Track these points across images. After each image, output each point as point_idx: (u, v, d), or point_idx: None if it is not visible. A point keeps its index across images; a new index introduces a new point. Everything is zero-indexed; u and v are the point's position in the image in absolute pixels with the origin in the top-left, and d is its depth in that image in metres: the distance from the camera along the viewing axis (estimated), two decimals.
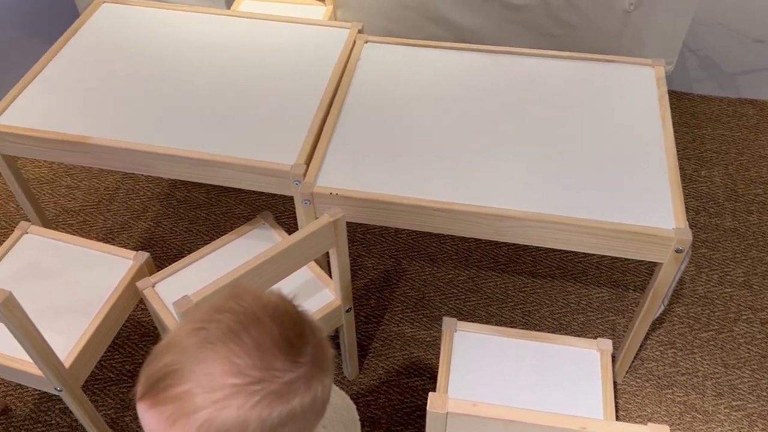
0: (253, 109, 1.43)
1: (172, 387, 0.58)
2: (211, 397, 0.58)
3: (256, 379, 0.58)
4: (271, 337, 0.60)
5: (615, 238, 1.20)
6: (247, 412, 0.58)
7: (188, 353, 0.59)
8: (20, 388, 1.53)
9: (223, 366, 0.58)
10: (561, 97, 1.45)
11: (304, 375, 0.61)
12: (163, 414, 0.59)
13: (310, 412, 0.63)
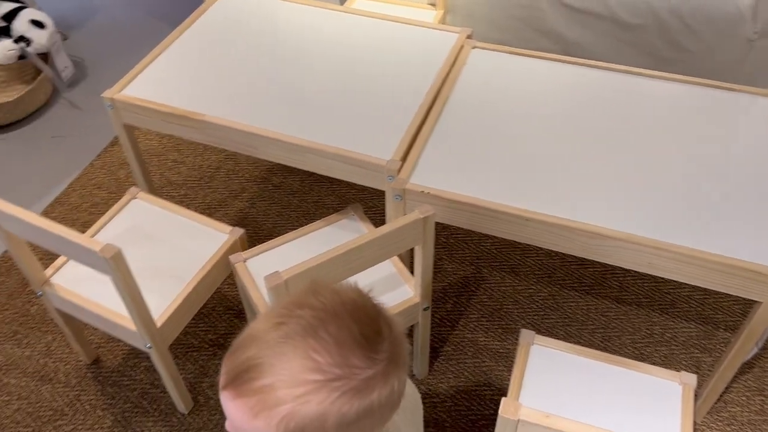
0: (357, 103, 1.47)
1: (254, 380, 0.61)
2: (293, 392, 0.60)
3: (336, 376, 0.61)
4: (349, 333, 0.62)
5: (718, 270, 1.15)
6: (327, 407, 0.61)
7: (269, 347, 0.62)
8: (111, 342, 1.64)
9: (303, 361, 0.61)
10: (672, 121, 1.40)
11: (382, 371, 0.63)
12: (246, 405, 0.62)
13: (386, 405, 0.65)
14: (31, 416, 1.51)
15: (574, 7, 1.96)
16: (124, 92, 1.51)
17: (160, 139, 2.17)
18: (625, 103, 1.45)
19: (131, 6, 2.77)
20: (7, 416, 1.51)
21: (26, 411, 1.52)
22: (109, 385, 1.56)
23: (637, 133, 1.38)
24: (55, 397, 1.54)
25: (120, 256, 1.12)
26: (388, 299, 1.35)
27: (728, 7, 1.82)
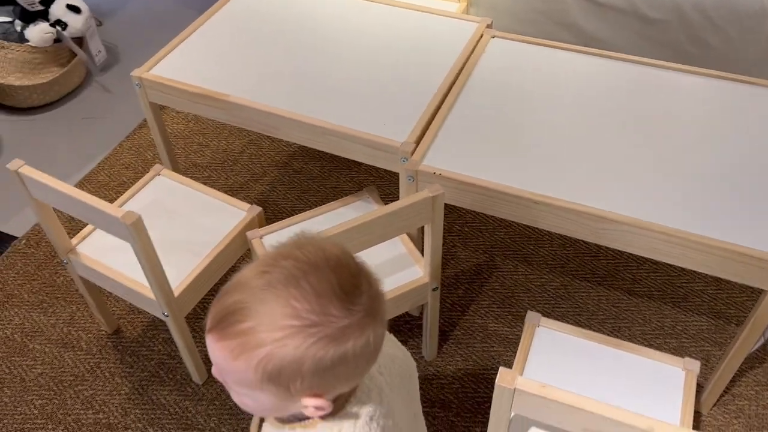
0: (375, 87, 1.51)
1: (237, 323, 0.65)
2: (272, 335, 0.63)
3: (312, 322, 0.64)
4: (329, 285, 0.65)
5: (721, 256, 1.16)
6: (303, 351, 0.64)
7: (253, 294, 0.65)
8: (132, 314, 1.70)
9: (283, 308, 0.64)
10: (686, 112, 1.41)
11: (358, 322, 0.66)
12: (228, 347, 0.65)
13: (362, 356, 0.68)
14: (54, 380, 1.58)
15: (596, 1, 1.97)
16: (152, 72, 1.57)
17: (186, 123, 2.23)
18: (639, 93, 1.46)
19: None
20: (31, 380, 1.58)
21: (49, 375, 1.59)
22: (128, 354, 1.62)
23: (650, 122, 1.39)
24: (77, 364, 1.61)
25: (140, 223, 1.17)
26: (398, 279, 1.38)
27: (752, 2, 1.81)
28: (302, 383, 0.66)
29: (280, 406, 0.70)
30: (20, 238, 1.89)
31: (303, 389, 0.67)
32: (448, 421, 1.48)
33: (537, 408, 0.93)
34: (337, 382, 0.69)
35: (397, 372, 0.85)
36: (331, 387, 0.69)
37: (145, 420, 1.50)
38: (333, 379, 0.67)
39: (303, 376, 0.65)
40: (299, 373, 0.65)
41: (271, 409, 0.71)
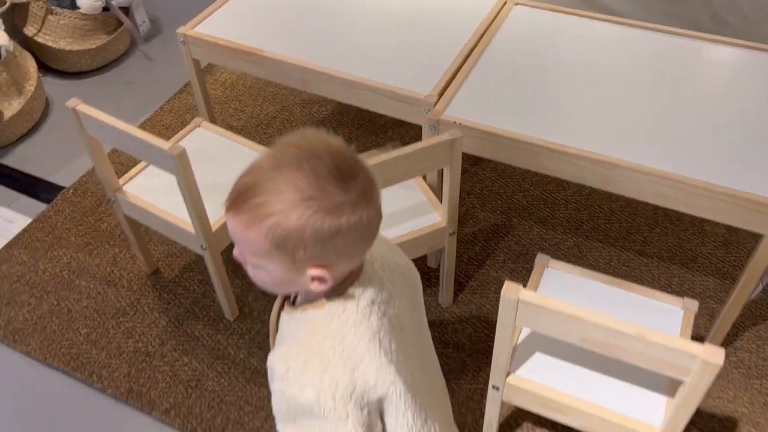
0: (403, 47, 1.61)
1: (250, 199, 0.75)
2: (278, 207, 0.74)
3: (311, 196, 0.74)
4: (327, 168, 0.75)
5: (724, 202, 1.24)
6: (305, 221, 0.74)
7: (264, 174, 0.75)
8: (170, 257, 1.83)
9: (288, 186, 0.74)
10: (699, 73, 1.49)
11: (351, 201, 0.75)
12: (243, 220, 0.76)
13: (356, 231, 0.77)
14: (98, 312, 1.71)
15: None
16: (195, 29, 1.69)
17: (224, 89, 2.36)
18: (658, 57, 1.54)
19: None
20: (77, 311, 1.71)
21: (93, 308, 1.72)
22: (166, 292, 1.75)
23: (660, 82, 1.47)
24: (119, 299, 1.74)
25: (184, 156, 1.29)
26: (418, 223, 1.48)
27: None
28: (305, 252, 0.76)
29: (289, 279, 0.80)
30: (68, 187, 2.04)
31: (306, 259, 0.76)
32: (461, 361, 1.58)
33: (538, 319, 1.03)
34: (335, 255, 0.78)
35: (399, 273, 0.94)
36: (331, 259, 0.78)
37: (180, 350, 1.62)
38: (332, 251, 0.77)
39: (305, 244, 0.75)
40: (302, 241, 0.75)
41: (282, 280, 0.81)
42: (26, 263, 1.83)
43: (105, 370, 1.59)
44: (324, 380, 0.80)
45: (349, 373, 0.82)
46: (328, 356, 0.81)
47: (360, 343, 0.83)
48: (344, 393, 0.81)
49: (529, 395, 1.19)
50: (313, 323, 0.84)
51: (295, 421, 0.84)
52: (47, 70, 2.45)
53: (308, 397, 0.80)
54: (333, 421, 0.81)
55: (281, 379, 0.82)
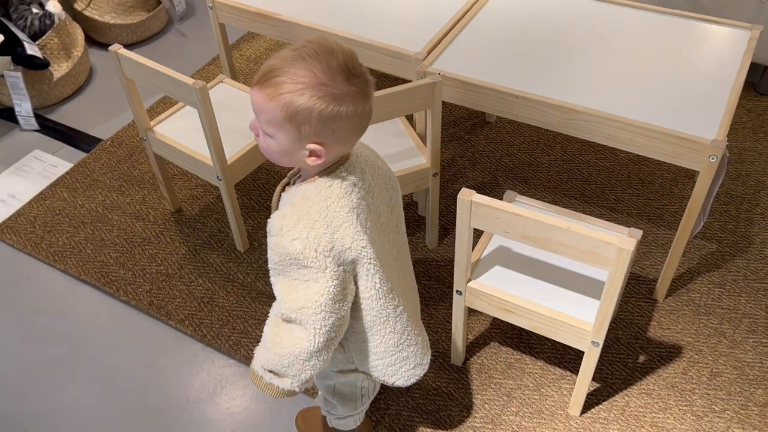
0: (402, 10, 1.83)
1: (273, 77, 0.95)
2: (294, 87, 0.94)
3: (322, 82, 0.94)
4: (338, 64, 0.95)
5: (660, 140, 1.43)
6: (314, 102, 0.94)
7: (286, 60, 0.96)
8: (192, 198, 2.06)
9: (305, 71, 0.94)
10: (652, 37, 1.68)
11: (352, 94, 0.95)
12: (265, 93, 0.96)
13: (352, 119, 0.97)
14: (126, 241, 1.95)
15: None
16: None
17: (248, 63, 2.61)
18: (616, 26, 1.74)
19: None
20: (109, 239, 1.96)
21: (123, 237, 1.96)
22: (186, 227, 1.98)
23: (619, 44, 1.67)
24: (145, 230, 1.98)
25: (205, 90, 1.53)
26: (406, 164, 1.69)
27: None
28: (309, 128, 0.96)
29: (292, 150, 1.00)
30: (106, 139, 2.30)
31: (309, 134, 0.97)
32: (441, 291, 1.78)
33: (488, 218, 1.23)
34: (332, 137, 0.98)
35: (379, 174, 1.14)
36: (328, 139, 0.98)
37: (196, 273, 1.85)
38: (330, 132, 0.97)
39: (311, 121, 0.95)
40: (309, 118, 0.95)
41: (286, 151, 1.01)
42: (67, 200, 2.09)
43: (130, 286, 1.83)
44: (310, 235, 1.01)
45: (330, 233, 1.02)
46: (314, 218, 1.02)
47: (341, 212, 1.03)
48: (324, 249, 1.01)
49: (486, 298, 1.39)
50: (305, 192, 1.04)
51: (283, 273, 1.04)
52: (93, 43, 2.73)
53: (296, 247, 1.00)
54: (314, 270, 1.02)
55: (276, 235, 1.02)
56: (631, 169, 2.08)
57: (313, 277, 1.03)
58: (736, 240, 1.86)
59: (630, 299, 1.73)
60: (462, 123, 2.29)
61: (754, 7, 2.10)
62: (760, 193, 1.98)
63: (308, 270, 1.02)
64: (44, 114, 2.44)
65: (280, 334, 1.07)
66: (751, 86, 2.35)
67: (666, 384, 1.55)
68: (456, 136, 2.24)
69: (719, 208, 1.94)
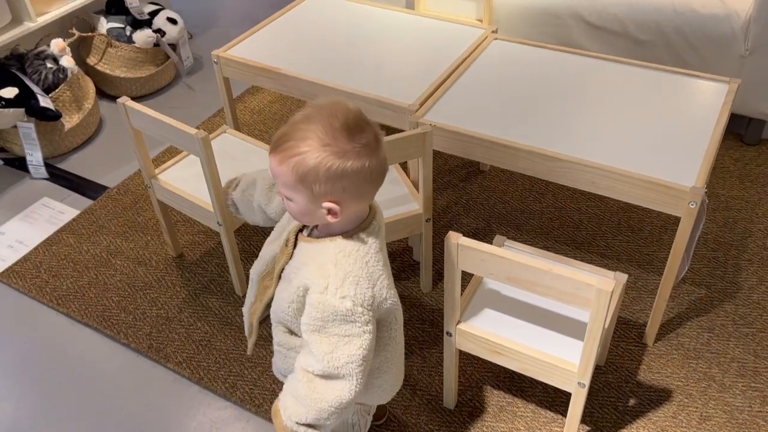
0: (396, 67, 1.93)
1: (284, 143, 1.04)
2: (302, 149, 1.02)
3: (327, 143, 1.01)
4: (341, 125, 1.02)
5: (643, 188, 1.49)
6: (320, 161, 1.01)
7: (295, 126, 1.04)
8: (194, 244, 2.12)
9: (310, 134, 1.02)
10: (636, 90, 1.76)
11: (356, 150, 1.02)
12: (277, 158, 1.05)
13: (359, 174, 1.03)
14: (128, 285, 2.00)
15: (594, 25, 2.35)
16: (227, 53, 2.04)
17: (252, 115, 2.71)
18: (599, 79, 1.82)
19: (246, 20, 3.40)
20: (111, 283, 2.01)
21: (125, 282, 2.02)
22: (187, 271, 2.04)
23: (604, 96, 1.75)
24: (147, 275, 2.03)
25: (207, 140, 1.60)
26: (399, 210, 1.75)
27: (724, 27, 2.16)
28: (320, 186, 1.02)
29: (310, 209, 1.06)
30: (112, 187, 2.38)
31: (322, 193, 1.03)
32: (434, 335, 1.81)
33: (474, 261, 1.28)
34: (344, 193, 1.04)
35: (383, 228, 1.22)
36: (342, 196, 1.04)
37: (195, 317, 1.90)
38: (341, 189, 1.03)
39: (320, 180, 1.02)
40: (317, 177, 1.01)
41: (305, 211, 1.07)
42: (72, 245, 2.15)
43: (131, 329, 1.87)
44: (357, 292, 1.07)
45: (371, 288, 1.09)
46: (358, 274, 1.08)
47: (378, 266, 1.11)
48: (369, 303, 1.08)
49: (475, 340, 1.43)
50: (345, 249, 1.09)
51: (320, 330, 1.08)
52: (103, 95, 2.85)
53: (347, 305, 1.06)
54: (358, 325, 1.07)
55: (321, 292, 1.07)
56: (621, 216, 2.14)
57: (355, 332, 1.07)
58: (724, 285, 1.89)
59: (620, 343, 1.75)
60: (457, 171, 2.36)
61: (735, 62, 2.19)
62: (747, 239, 2.03)
63: (352, 325, 1.07)
64: (54, 163, 2.53)
65: (317, 389, 1.10)
66: (738, 137, 2.43)
67: (656, 428, 1.57)
68: (451, 183, 2.31)
69: (707, 255, 1.98)
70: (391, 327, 1.19)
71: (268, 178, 1.33)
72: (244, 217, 1.43)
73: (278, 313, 1.19)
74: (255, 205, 1.36)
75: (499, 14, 2.44)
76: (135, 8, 2.75)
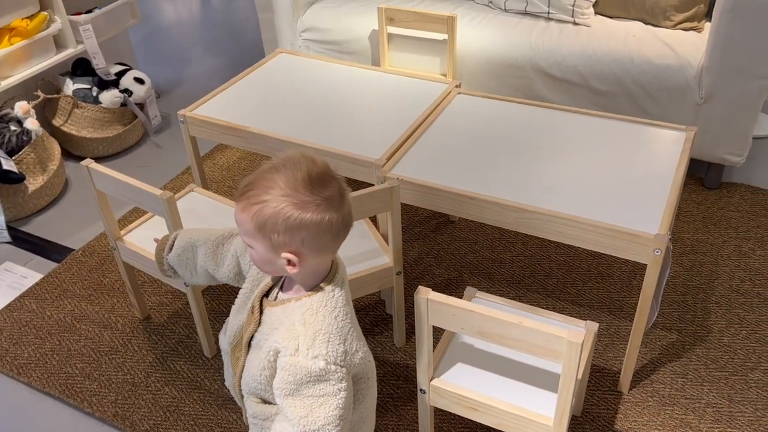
0: (363, 123, 1.95)
1: (248, 191, 1.04)
2: (263, 198, 1.02)
3: (287, 194, 1.02)
4: (303, 178, 1.03)
5: (608, 236, 1.50)
6: (279, 210, 1.01)
7: (260, 175, 1.05)
8: (161, 305, 2.08)
9: (272, 184, 1.02)
10: (598, 140, 1.80)
11: (317, 203, 1.02)
12: (240, 206, 1.05)
13: (318, 227, 1.03)
14: (93, 350, 1.94)
15: (556, 77, 2.41)
16: (193, 112, 2.05)
17: (221, 171, 2.70)
18: (565, 129, 1.86)
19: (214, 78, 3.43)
20: (76, 349, 1.95)
21: (90, 347, 1.95)
22: (154, 334, 1.98)
23: (567, 147, 1.78)
24: (113, 340, 1.98)
25: (173, 201, 1.59)
26: (370, 264, 1.74)
27: (679, 78, 2.23)
28: (279, 236, 1.02)
29: (270, 258, 1.06)
30: (77, 249, 2.33)
31: (281, 243, 1.02)
32: (409, 391, 1.78)
33: (445, 316, 1.27)
34: (303, 246, 1.03)
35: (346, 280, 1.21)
36: (301, 249, 1.03)
37: (163, 381, 1.84)
38: (299, 241, 1.03)
39: (278, 230, 1.01)
40: (275, 226, 1.01)
41: (266, 260, 1.06)
42: (35, 311, 2.09)
43: (95, 397, 1.81)
44: (329, 350, 1.05)
45: (343, 342, 1.08)
46: (328, 330, 1.07)
47: (346, 320, 1.10)
48: (341, 359, 1.06)
49: (449, 396, 1.40)
50: (311, 306, 1.08)
51: (294, 393, 1.06)
52: (69, 156, 2.82)
53: (320, 365, 1.04)
54: (332, 383, 1.05)
55: (292, 355, 1.05)
56: (591, 262, 2.16)
57: (330, 391, 1.05)
58: (694, 329, 1.90)
59: (595, 392, 1.74)
60: (427, 222, 2.37)
61: (691, 110, 2.27)
62: (714, 282, 2.05)
63: (326, 384, 1.05)
64: (17, 226, 2.48)
65: None
66: (699, 181, 2.49)
67: None
68: (421, 234, 2.32)
69: (677, 299, 2.00)
70: (368, 377, 1.18)
71: (210, 241, 1.30)
72: (184, 280, 1.40)
73: (250, 384, 1.15)
74: (200, 270, 1.33)
75: (463, 69, 2.50)
76: (101, 69, 2.76)
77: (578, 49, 2.34)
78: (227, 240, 1.30)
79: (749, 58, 2.11)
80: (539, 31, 2.44)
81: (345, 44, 2.65)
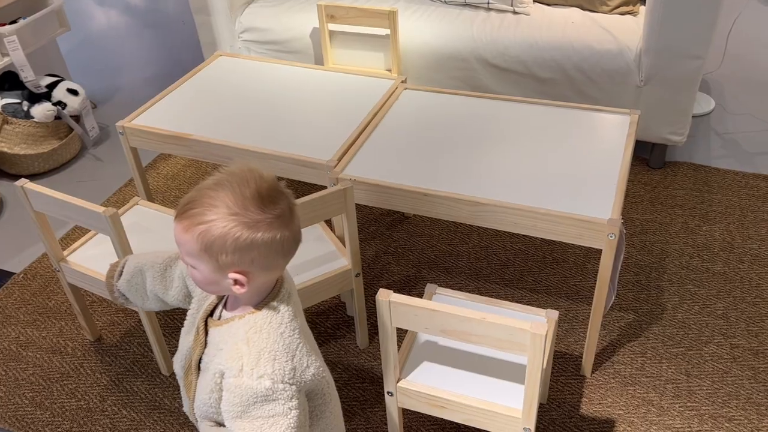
0: (311, 124, 1.91)
1: (190, 209, 0.98)
2: (209, 218, 0.96)
3: (235, 212, 0.96)
4: (252, 194, 0.97)
5: (562, 224, 1.52)
6: (227, 231, 0.95)
7: (204, 192, 0.98)
8: (112, 325, 2.00)
9: (218, 202, 0.96)
10: (545, 129, 1.82)
11: (268, 221, 0.97)
12: (182, 225, 0.98)
13: (269, 246, 0.98)
14: (43, 378, 1.85)
15: (499, 67, 2.42)
16: (132, 122, 1.97)
17: (165, 181, 2.62)
18: (513, 119, 1.87)
19: (151, 85, 3.32)
20: (23, 378, 1.86)
21: (39, 374, 1.86)
22: (108, 355, 1.91)
23: (515, 137, 1.79)
24: (63, 365, 1.89)
25: (116, 217, 1.52)
26: (328, 268, 1.71)
27: (619, 62, 2.27)
28: (227, 257, 0.96)
29: (215, 279, 1.00)
30: (18, 272, 2.22)
31: (228, 263, 0.97)
32: (376, 393, 1.76)
33: (407, 316, 1.25)
34: (252, 265, 0.98)
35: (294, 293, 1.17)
36: (249, 267, 0.98)
37: (120, 404, 1.77)
38: (249, 260, 0.97)
39: (226, 250, 0.95)
40: (224, 247, 0.95)
41: (210, 280, 1.00)
42: None
43: (48, 427, 1.72)
44: (275, 368, 1.00)
45: (290, 359, 1.02)
46: (274, 348, 1.01)
47: (294, 335, 1.04)
48: (289, 377, 1.01)
49: (417, 396, 1.39)
50: (255, 324, 1.03)
51: (242, 416, 1.01)
52: (3, 175, 2.69)
53: (266, 384, 0.99)
54: (281, 402, 1.00)
55: (236, 376, 1.00)
56: (545, 249, 2.18)
57: (280, 411, 1.00)
58: (650, 308, 1.94)
59: (559, 378, 1.76)
60: (382, 220, 2.35)
61: (632, 93, 2.31)
62: (665, 260, 2.10)
63: (275, 404, 1.00)
64: None
65: None
66: (644, 161, 2.54)
67: None
68: (377, 233, 2.30)
69: (631, 279, 2.04)
70: (325, 393, 1.12)
71: (157, 264, 1.24)
72: (137, 306, 1.34)
73: (202, 408, 1.10)
74: (150, 295, 1.27)
75: (408, 63, 2.49)
76: (31, 82, 2.63)
77: (519, 39, 2.36)
78: (174, 262, 1.23)
79: (684, 38, 2.16)
80: (480, 22, 2.44)
81: (286, 43, 2.60)
